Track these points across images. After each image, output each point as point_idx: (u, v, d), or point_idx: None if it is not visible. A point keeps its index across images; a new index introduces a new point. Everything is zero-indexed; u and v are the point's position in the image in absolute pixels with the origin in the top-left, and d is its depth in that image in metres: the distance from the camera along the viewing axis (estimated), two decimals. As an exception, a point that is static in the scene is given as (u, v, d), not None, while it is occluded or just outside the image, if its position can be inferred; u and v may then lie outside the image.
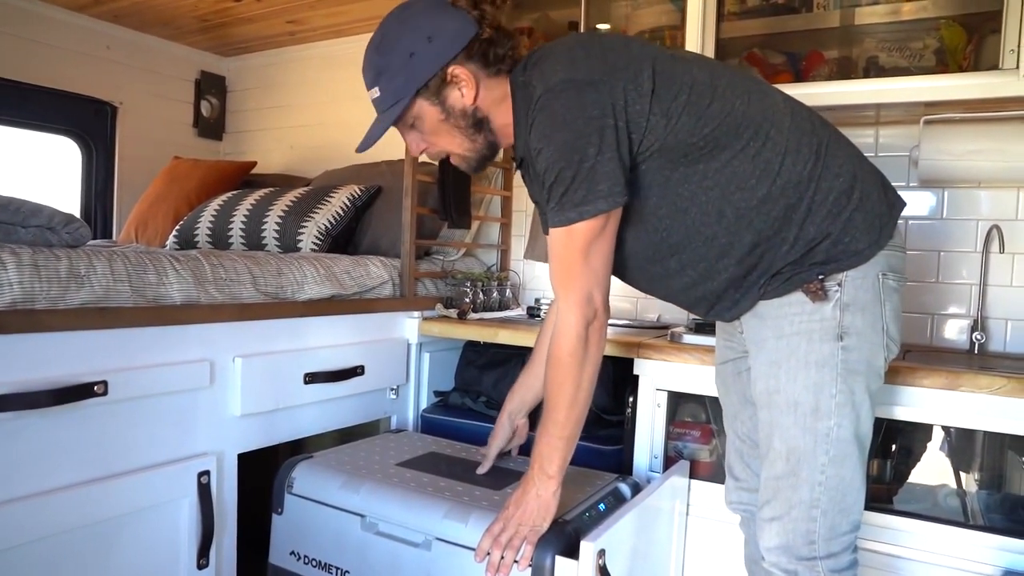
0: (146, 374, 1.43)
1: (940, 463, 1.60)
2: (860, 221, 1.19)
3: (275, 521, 1.64)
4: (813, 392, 1.18)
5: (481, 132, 1.28)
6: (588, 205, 1.14)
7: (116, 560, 1.41)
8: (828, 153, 1.20)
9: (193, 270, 1.57)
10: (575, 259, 1.19)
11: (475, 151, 1.30)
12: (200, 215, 2.55)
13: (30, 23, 2.89)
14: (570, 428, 1.26)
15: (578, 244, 1.17)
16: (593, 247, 1.18)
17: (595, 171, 1.13)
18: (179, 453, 1.52)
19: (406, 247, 2.16)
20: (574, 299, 1.21)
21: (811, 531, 1.19)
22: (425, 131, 1.29)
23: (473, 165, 1.33)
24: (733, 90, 1.19)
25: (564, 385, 1.24)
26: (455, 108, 1.25)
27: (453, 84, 1.23)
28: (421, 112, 1.26)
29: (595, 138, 1.12)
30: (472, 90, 1.23)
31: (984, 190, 1.97)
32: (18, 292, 1.25)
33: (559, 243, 1.20)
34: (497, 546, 1.30)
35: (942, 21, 1.84)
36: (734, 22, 2.07)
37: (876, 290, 1.20)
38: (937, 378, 1.47)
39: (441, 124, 1.26)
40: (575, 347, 1.22)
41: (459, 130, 1.27)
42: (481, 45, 1.22)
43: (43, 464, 1.29)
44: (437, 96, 1.24)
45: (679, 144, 1.16)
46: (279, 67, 3.47)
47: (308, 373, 1.78)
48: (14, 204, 1.30)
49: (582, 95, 1.12)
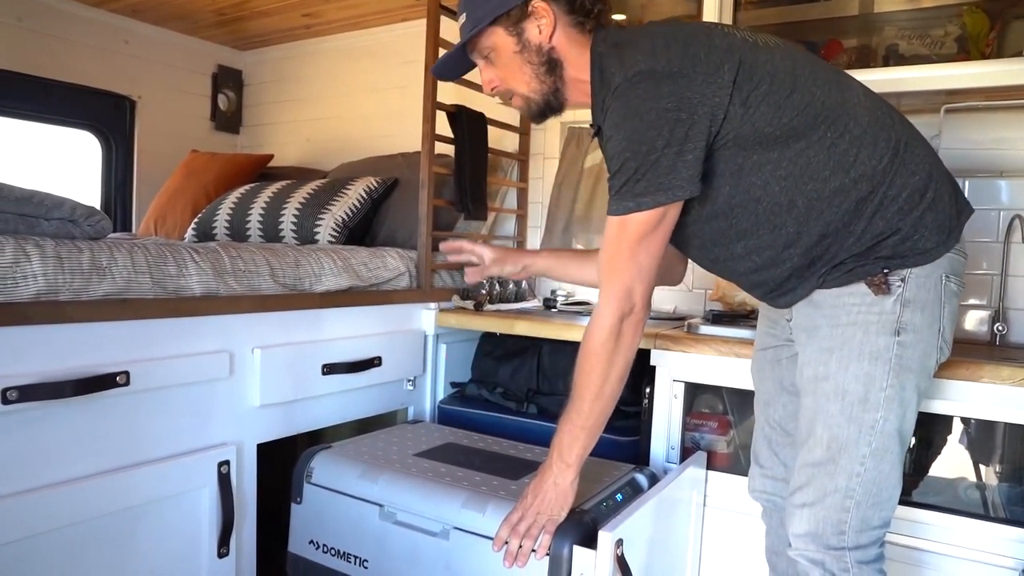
0: (167, 365, 1.45)
1: (960, 455, 1.58)
2: (931, 221, 1.18)
3: (294, 510, 1.65)
4: (864, 383, 1.17)
5: (552, 75, 1.27)
6: (647, 196, 1.13)
7: (138, 548, 1.43)
8: (906, 150, 1.19)
9: (212, 262, 1.58)
10: (623, 251, 1.18)
11: (541, 93, 1.29)
12: (218, 208, 2.57)
13: (50, 18, 2.92)
14: (593, 419, 1.26)
15: (630, 236, 1.17)
16: (644, 242, 1.17)
17: (659, 164, 1.12)
18: (199, 443, 1.54)
19: (423, 239, 2.17)
20: (614, 291, 1.20)
21: (842, 520, 1.19)
22: (499, 64, 1.29)
23: (535, 110, 1.32)
24: (814, 80, 1.18)
25: (592, 375, 1.24)
26: (531, 42, 1.25)
27: (533, 17, 1.24)
28: (497, 42, 1.26)
29: (665, 131, 1.11)
30: (550, 27, 1.24)
31: (1006, 180, 1.94)
32: (42, 284, 1.27)
33: (611, 232, 1.19)
34: (515, 535, 1.31)
35: (964, 7, 1.82)
36: (751, 11, 2.06)
37: (938, 291, 1.20)
38: (957, 369, 1.45)
39: (514, 56, 1.27)
40: (607, 339, 1.21)
41: (531, 67, 1.27)
42: None
43: (67, 453, 1.31)
44: (516, 26, 1.25)
45: (756, 133, 1.15)
46: (295, 60, 3.48)
47: (326, 364, 1.79)
48: (37, 197, 1.32)
49: (659, 87, 1.12)
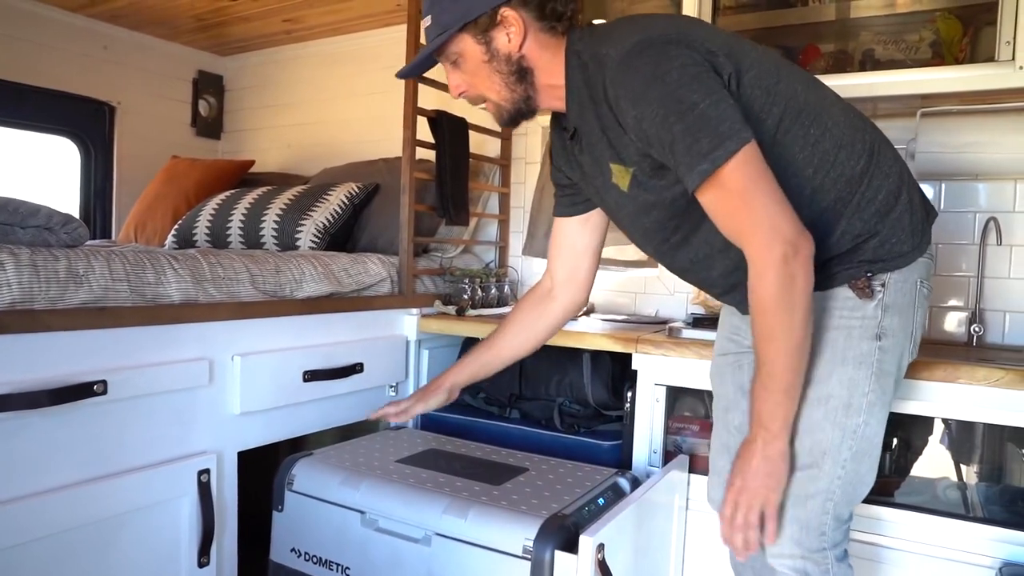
0: (145, 373, 1.44)
1: (940, 455, 1.60)
2: (907, 223, 1.19)
3: (276, 518, 1.64)
4: (848, 388, 1.17)
5: (523, 83, 1.24)
6: (719, 150, 1.04)
7: (117, 559, 1.41)
8: (880, 153, 1.20)
9: (191, 269, 1.57)
10: (736, 205, 1.07)
11: (512, 102, 1.26)
12: (199, 214, 2.56)
13: (27, 24, 2.89)
14: (789, 378, 1.12)
15: (733, 188, 1.06)
16: (750, 182, 1.05)
17: (707, 116, 1.04)
18: (179, 452, 1.52)
19: (404, 244, 2.16)
20: (759, 242, 1.06)
21: (823, 523, 1.20)
22: (467, 71, 1.25)
23: (506, 117, 1.28)
24: (793, 75, 1.18)
25: (774, 336, 1.09)
26: (499, 51, 1.21)
27: (502, 26, 1.20)
28: (465, 49, 1.22)
29: (695, 84, 1.05)
30: (519, 36, 1.20)
31: (981, 182, 1.97)
32: (17, 292, 1.25)
33: (714, 200, 1.09)
34: (736, 530, 1.19)
35: (938, 14, 1.85)
36: (730, 16, 2.08)
37: (913, 295, 1.21)
38: (936, 370, 1.47)
39: (483, 66, 1.23)
40: (777, 291, 1.06)
41: (500, 75, 1.23)
42: None
43: (43, 463, 1.30)
44: (484, 35, 1.20)
45: (750, 118, 1.10)
46: (276, 66, 3.47)
47: (307, 371, 1.78)
48: (12, 204, 1.30)
49: (665, 50, 1.08)
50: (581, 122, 1.24)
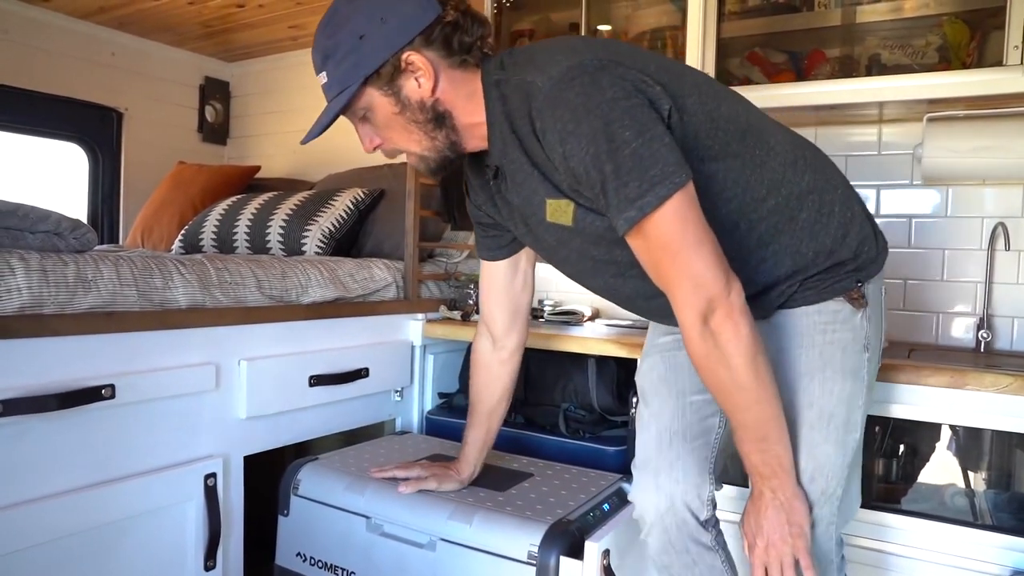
0: (152, 377, 1.44)
1: (947, 462, 1.59)
2: (868, 228, 1.18)
3: (281, 523, 1.64)
4: (847, 404, 1.14)
5: (442, 129, 1.12)
6: (648, 196, 0.96)
7: (124, 562, 1.41)
8: (820, 165, 1.18)
9: (198, 274, 1.58)
10: (659, 257, 1.01)
11: (435, 150, 1.14)
12: (205, 219, 2.57)
13: (37, 31, 2.91)
14: (761, 428, 1.06)
15: (657, 239, 1.00)
16: (676, 233, 0.99)
17: (639, 156, 0.96)
18: (185, 456, 1.53)
19: (409, 250, 2.17)
20: (679, 298, 1.02)
21: (830, 548, 1.19)
22: (378, 125, 1.14)
23: (432, 167, 1.17)
24: (731, 96, 1.16)
25: (726, 391, 1.05)
26: (411, 100, 1.10)
27: (409, 72, 1.08)
28: (373, 103, 1.11)
29: (627, 120, 0.97)
30: (430, 80, 1.08)
31: (989, 187, 1.97)
32: (27, 297, 1.26)
33: (639, 249, 1.04)
34: None
35: (945, 18, 1.84)
36: (735, 21, 2.07)
37: (880, 300, 1.20)
38: (943, 376, 1.46)
39: (395, 118, 1.12)
40: (703, 349, 1.02)
41: (416, 125, 1.12)
42: (444, 29, 1.07)
43: (51, 467, 1.30)
44: (390, 86, 1.09)
45: (698, 147, 1.06)
46: (282, 72, 3.48)
47: (313, 376, 1.78)
48: (22, 210, 1.31)
49: (597, 79, 0.99)
50: (505, 160, 1.14)
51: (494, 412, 1.53)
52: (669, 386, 1.28)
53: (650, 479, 1.22)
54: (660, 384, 1.30)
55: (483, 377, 1.51)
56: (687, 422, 1.25)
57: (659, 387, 1.30)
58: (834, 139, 2.16)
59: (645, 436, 1.27)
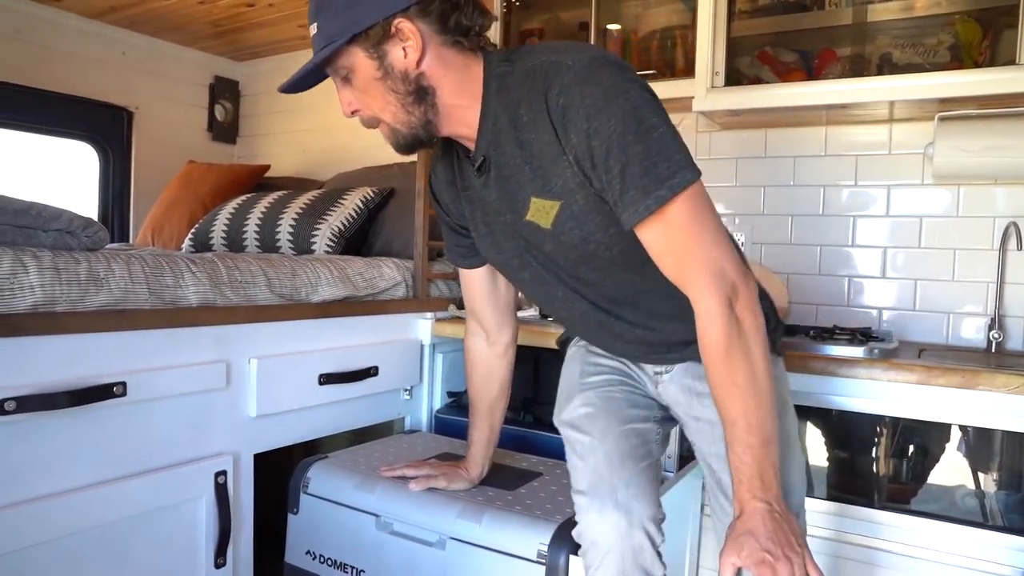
0: (163, 375, 1.45)
1: (958, 463, 1.58)
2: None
3: (291, 521, 1.65)
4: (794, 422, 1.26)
5: (421, 105, 1.09)
6: (676, 177, 0.96)
7: (135, 559, 1.42)
8: None
9: (209, 272, 1.58)
10: (684, 240, 0.99)
11: (409, 125, 1.11)
12: (215, 218, 2.58)
13: (48, 30, 2.93)
14: (767, 427, 1.00)
15: (682, 222, 0.99)
16: (698, 219, 0.99)
17: (666, 140, 0.97)
18: (196, 453, 1.53)
19: (419, 249, 2.17)
20: (702, 283, 0.99)
21: None
22: (358, 87, 1.11)
23: (402, 142, 1.14)
24: None
25: (738, 384, 0.99)
26: (394, 67, 1.06)
27: (396, 39, 1.05)
28: (356, 63, 1.08)
29: (655, 107, 0.99)
30: (417, 52, 1.05)
31: (1000, 187, 1.96)
32: (39, 295, 1.27)
33: (658, 234, 1.01)
34: None
35: (957, 16, 1.84)
36: (745, 20, 2.07)
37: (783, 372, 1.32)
38: (953, 377, 1.46)
39: (376, 83, 1.08)
40: (727, 338, 0.99)
41: (395, 95, 1.08)
42: (442, 5, 1.06)
43: (62, 464, 1.31)
44: (376, 49, 1.06)
45: None
46: (292, 71, 3.48)
47: (323, 374, 1.79)
48: (35, 208, 1.32)
49: (624, 70, 1.00)
50: (494, 151, 1.12)
51: (495, 408, 1.53)
52: (609, 415, 1.25)
53: (606, 497, 1.13)
54: (599, 414, 1.26)
55: (482, 374, 1.51)
56: (632, 445, 1.21)
57: (597, 417, 1.26)
58: (844, 138, 2.16)
59: (592, 460, 1.19)
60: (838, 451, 1.69)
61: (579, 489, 1.19)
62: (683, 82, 2.08)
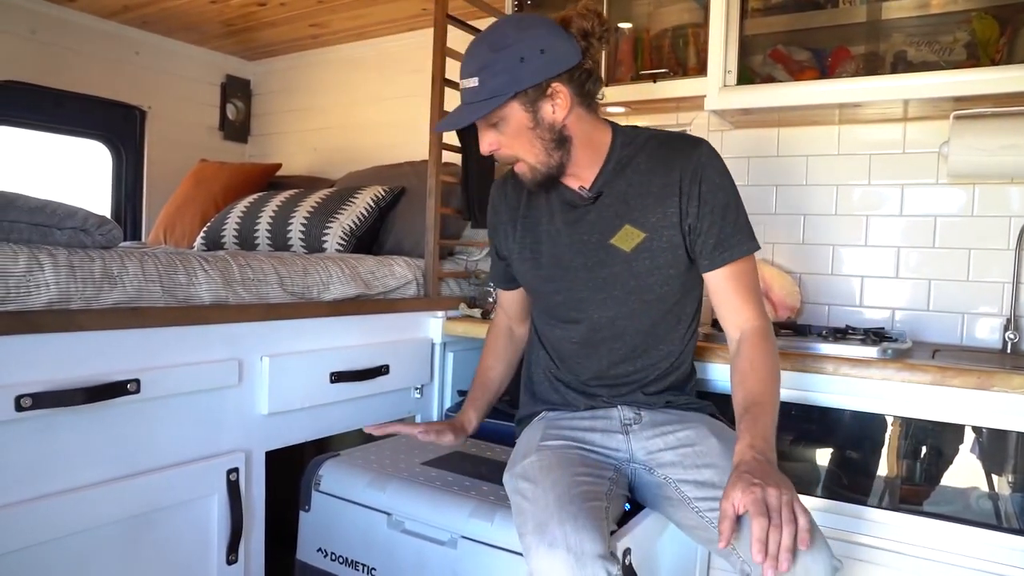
0: (176, 373, 1.46)
1: (971, 465, 1.57)
2: None
3: (302, 518, 1.65)
4: None
5: (560, 150, 1.33)
6: (755, 242, 1.37)
7: (147, 555, 1.43)
8: None
9: (222, 271, 1.59)
10: (747, 283, 1.36)
11: (547, 166, 1.34)
12: (227, 217, 2.59)
13: (63, 31, 2.95)
14: (776, 406, 1.28)
15: (746, 271, 1.37)
16: (754, 272, 1.39)
17: (746, 217, 1.38)
18: (208, 451, 1.54)
19: (430, 247, 2.17)
20: (754, 313, 1.36)
21: None
22: (506, 133, 1.32)
23: (539, 179, 1.36)
24: None
25: (774, 376, 1.30)
26: (544, 120, 1.30)
27: (549, 98, 1.29)
28: (510, 114, 1.29)
29: (737, 190, 1.38)
30: (565, 109, 1.30)
31: (1016, 186, 1.94)
32: (55, 292, 1.28)
33: (747, 269, 1.37)
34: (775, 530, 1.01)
35: (974, 14, 1.82)
36: (758, 19, 2.06)
37: None
38: (968, 378, 1.44)
39: (526, 131, 1.31)
40: (771, 343, 1.34)
41: (541, 142, 1.32)
42: (582, 74, 1.31)
43: (78, 460, 1.32)
44: (532, 104, 1.29)
45: None
46: (303, 70, 3.51)
47: (334, 372, 1.79)
48: (50, 207, 1.33)
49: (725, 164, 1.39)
50: (606, 187, 1.38)
51: (500, 380, 1.71)
52: (562, 467, 1.30)
53: (556, 532, 1.13)
54: (552, 467, 1.30)
55: (502, 345, 1.71)
56: (582, 491, 1.23)
57: (552, 467, 1.30)
58: (857, 137, 2.14)
59: (542, 503, 1.20)
60: (850, 452, 1.68)
61: (526, 531, 1.18)
62: (695, 81, 2.07)
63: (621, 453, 1.43)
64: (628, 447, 1.43)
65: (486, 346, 1.73)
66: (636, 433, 1.43)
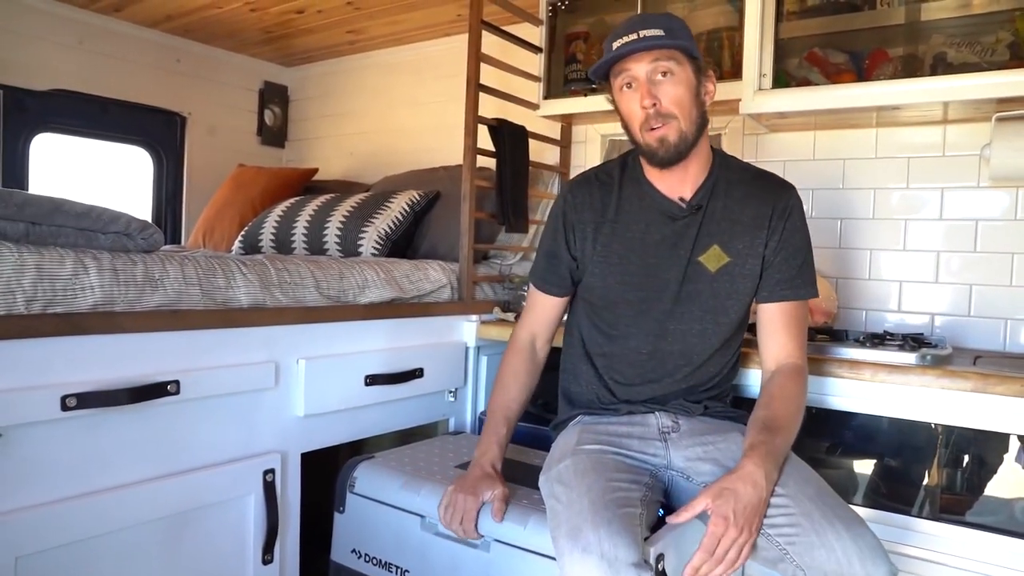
0: (215, 374, 1.49)
1: (1016, 474, 1.53)
2: None
3: (337, 519, 1.67)
4: None
5: (700, 131, 1.38)
6: (813, 288, 1.44)
7: (186, 552, 1.46)
8: None
9: (259, 274, 1.62)
10: (797, 323, 1.43)
11: (690, 135, 1.36)
12: (264, 221, 2.63)
13: (108, 40, 3.03)
14: (792, 437, 1.33)
15: (801, 312, 1.44)
16: (805, 314, 1.47)
17: (813, 262, 1.47)
18: (245, 451, 1.57)
19: (464, 251, 2.19)
20: (796, 350, 1.42)
21: None
22: (673, 85, 1.34)
23: (681, 145, 1.35)
24: None
25: (799, 414, 1.36)
26: (700, 94, 1.37)
27: (708, 81, 1.38)
28: (682, 71, 1.34)
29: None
30: (711, 97, 1.39)
31: (1062, 189, 1.89)
32: (99, 295, 1.31)
33: (800, 313, 1.43)
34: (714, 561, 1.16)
35: (1017, 13, 1.77)
36: (794, 21, 2.04)
37: None
38: (1012, 385, 1.41)
39: (688, 93, 1.35)
40: (804, 379, 1.41)
41: (695, 111, 1.36)
42: None
43: (120, 459, 1.35)
44: (698, 74, 1.36)
45: None
46: (339, 76, 3.55)
47: (369, 375, 1.81)
48: (95, 212, 1.36)
49: None
50: (705, 201, 1.43)
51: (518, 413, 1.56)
52: (597, 472, 1.29)
53: (590, 537, 1.12)
54: (588, 471, 1.30)
55: (525, 367, 1.57)
56: (617, 496, 1.22)
57: (587, 472, 1.30)
58: (896, 140, 2.11)
59: (576, 507, 1.20)
60: (889, 460, 1.65)
61: (560, 535, 1.17)
62: (730, 84, 2.05)
63: (658, 459, 1.42)
64: (666, 454, 1.42)
65: (509, 372, 1.57)
66: (675, 441, 1.42)
